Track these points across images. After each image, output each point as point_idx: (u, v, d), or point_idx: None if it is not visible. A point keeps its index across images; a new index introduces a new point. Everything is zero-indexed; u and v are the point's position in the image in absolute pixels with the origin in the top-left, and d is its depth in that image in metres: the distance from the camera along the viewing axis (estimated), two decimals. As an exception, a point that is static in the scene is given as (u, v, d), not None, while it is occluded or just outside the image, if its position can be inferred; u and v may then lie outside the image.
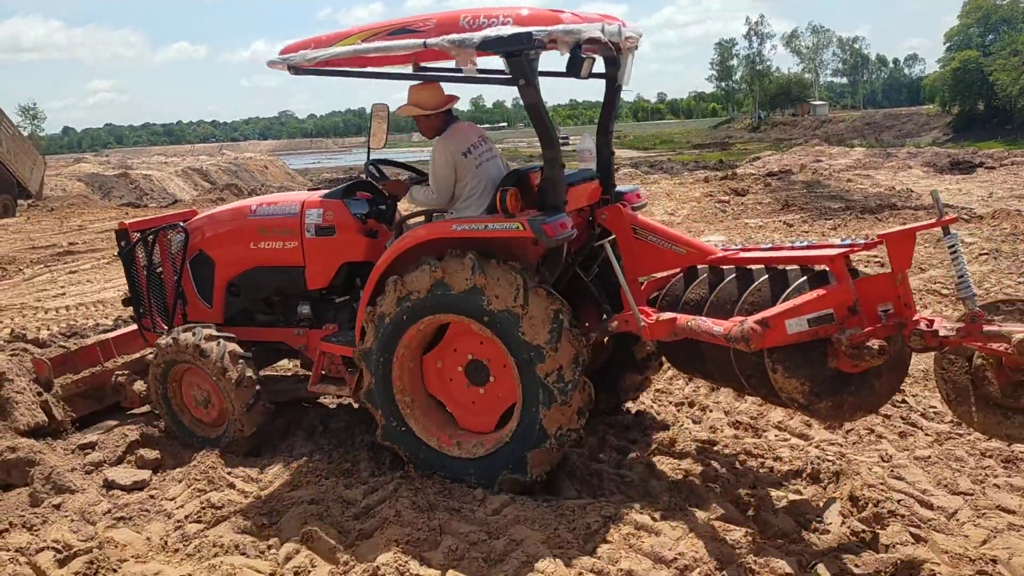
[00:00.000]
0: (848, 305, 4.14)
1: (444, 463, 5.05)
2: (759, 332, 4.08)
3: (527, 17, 4.49)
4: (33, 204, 30.68)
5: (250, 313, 6.23)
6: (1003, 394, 3.89)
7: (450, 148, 5.12)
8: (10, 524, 4.66)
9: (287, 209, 5.87)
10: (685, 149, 65.53)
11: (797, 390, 4.23)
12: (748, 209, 18.53)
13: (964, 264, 4.03)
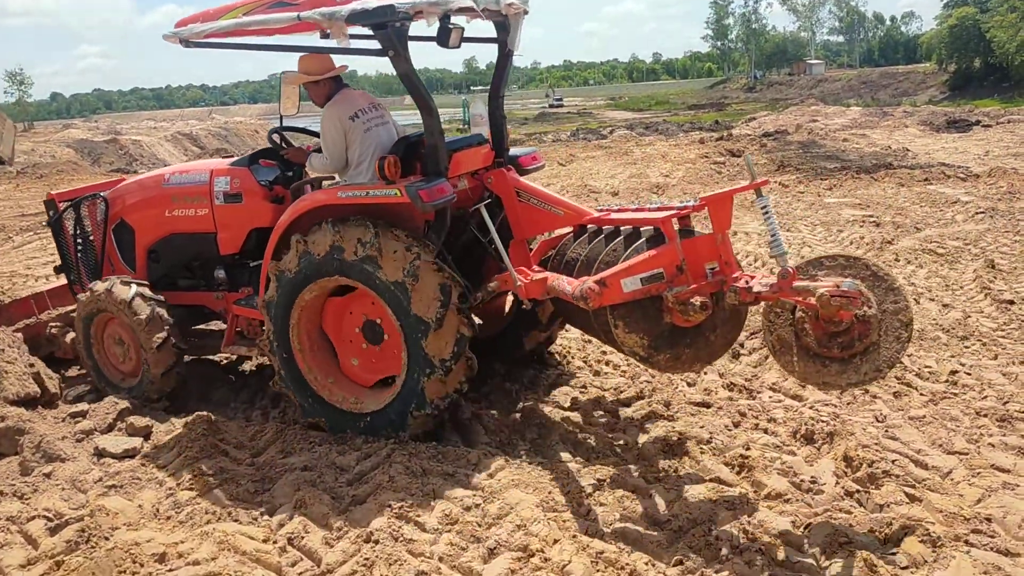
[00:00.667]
0: (676, 264, 4.42)
1: (329, 414, 5.26)
2: (596, 291, 4.40)
3: None
4: (5, 171, 30.23)
5: (172, 278, 6.40)
6: (819, 344, 4.16)
7: (337, 113, 5.27)
8: (0, 493, 4.63)
9: (197, 177, 6.02)
10: (681, 110, 65.00)
11: (637, 344, 4.54)
12: (744, 171, 18.41)
13: (775, 224, 4.32)
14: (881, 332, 4.06)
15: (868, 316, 4.00)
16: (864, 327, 4.03)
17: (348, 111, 5.31)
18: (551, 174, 20.39)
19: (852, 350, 4.10)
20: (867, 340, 4.06)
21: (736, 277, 4.38)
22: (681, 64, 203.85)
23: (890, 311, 4.07)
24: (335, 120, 5.28)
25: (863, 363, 4.10)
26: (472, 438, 5.25)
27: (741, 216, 12.55)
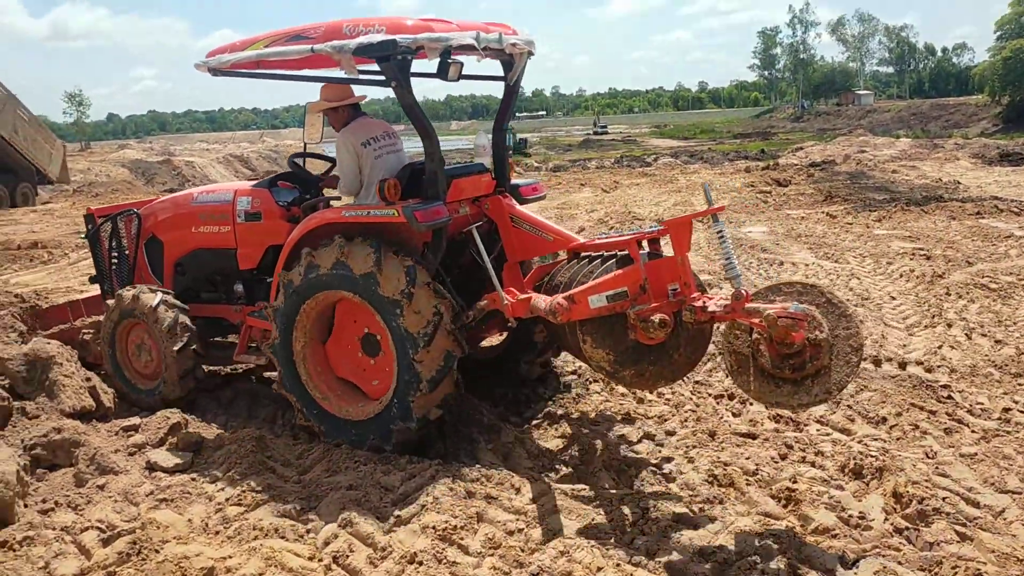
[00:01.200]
0: (639, 284, 4.68)
1: (324, 420, 5.52)
2: (565, 306, 4.71)
3: (399, 26, 4.98)
4: (63, 189, 30.98)
5: (195, 291, 6.78)
6: (772, 365, 4.33)
7: (350, 139, 5.67)
8: (56, 503, 4.74)
9: (222, 197, 6.43)
10: (726, 139, 64.71)
11: (603, 359, 4.78)
12: (790, 200, 18.29)
13: (730, 248, 4.63)
14: (832, 356, 4.23)
15: (819, 340, 4.18)
16: (815, 350, 4.20)
17: (361, 138, 5.67)
18: (595, 200, 20.45)
19: (803, 372, 4.26)
20: (818, 363, 4.23)
21: (694, 297, 4.62)
22: (727, 93, 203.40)
23: (842, 336, 4.24)
24: (348, 146, 5.66)
25: (814, 385, 4.27)
26: (514, 462, 5.27)
27: (789, 246, 12.47)
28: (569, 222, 16.69)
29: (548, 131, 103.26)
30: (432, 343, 5.05)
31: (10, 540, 4.27)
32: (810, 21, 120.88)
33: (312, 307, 5.45)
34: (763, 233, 13.82)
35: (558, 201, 20.84)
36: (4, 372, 5.75)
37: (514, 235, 5.79)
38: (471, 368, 6.22)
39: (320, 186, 6.42)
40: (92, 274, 7.54)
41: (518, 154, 52.22)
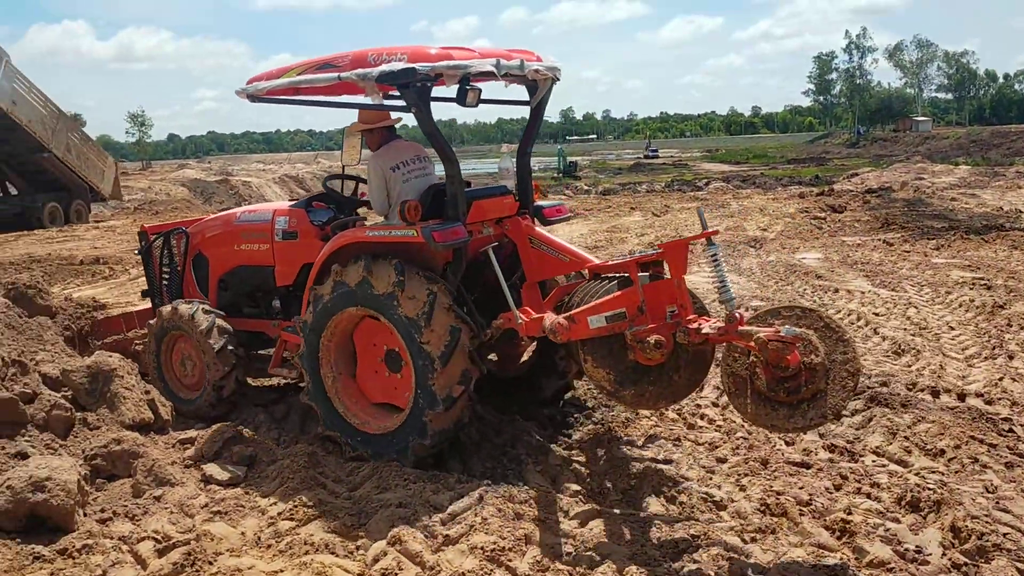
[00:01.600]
0: (636, 305, 4.79)
1: (346, 430, 5.70)
2: (565, 326, 4.92)
3: (420, 55, 5.18)
4: (123, 207, 31.78)
5: (238, 306, 7.07)
6: (768, 388, 4.36)
7: (379, 163, 5.89)
8: (114, 513, 4.86)
9: (262, 216, 6.76)
10: (779, 163, 64.00)
11: (604, 378, 4.91)
12: (846, 227, 18.01)
13: (724, 272, 4.73)
14: (828, 380, 4.27)
15: (815, 364, 4.24)
16: (811, 374, 4.25)
17: (391, 162, 5.88)
18: (645, 224, 20.38)
19: (799, 396, 4.30)
20: (813, 387, 4.27)
21: (690, 319, 4.71)
22: (781, 118, 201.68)
23: (839, 361, 4.27)
24: (377, 170, 5.89)
25: (809, 409, 4.30)
26: (562, 484, 5.25)
27: (844, 274, 12.28)
28: (619, 245, 16.66)
29: (598, 154, 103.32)
30: (449, 363, 5.19)
31: (70, 547, 4.39)
32: (867, 47, 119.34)
33: (338, 322, 5.64)
34: (817, 260, 13.63)
35: (608, 224, 20.81)
36: (68, 384, 5.92)
37: (533, 256, 5.89)
38: (500, 385, 6.56)
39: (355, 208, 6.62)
40: (145, 288, 7.87)
41: (568, 177, 52.30)
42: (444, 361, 5.19)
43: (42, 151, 26.75)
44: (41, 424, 5.46)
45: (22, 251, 19.75)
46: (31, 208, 26.69)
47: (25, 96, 25.76)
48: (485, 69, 5.26)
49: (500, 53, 5.47)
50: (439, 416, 5.27)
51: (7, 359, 5.57)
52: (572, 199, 31.77)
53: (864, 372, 7.07)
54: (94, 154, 30.66)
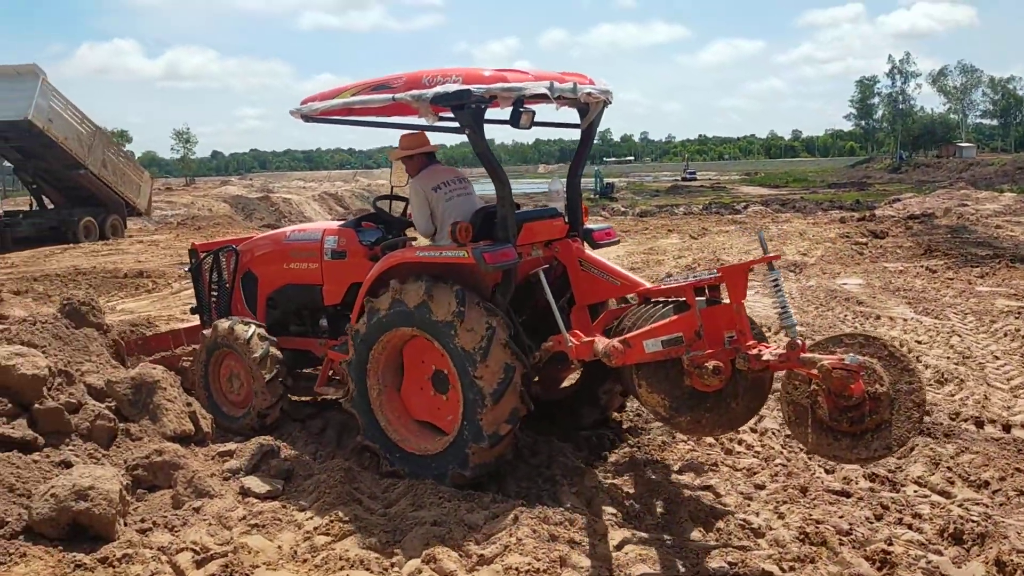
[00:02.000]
0: (694, 329, 4.70)
1: (385, 443, 5.72)
2: (620, 349, 4.78)
3: (474, 77, 5.19)
4: (166, 222, 32.26)
5: (285, 324, 7.13)
6: (830, 417, 4.28)
7: (420, 185, 5.98)
8: (154, 523, 4.92)
9: (312, 236, 6.81)
10: (820, 188, 63.31)
11: (659, 404, 4.82)
12: (887, 252, 17.78)
13: (785, 297, 4.62)
14: (893, 410, 4.18)
15: (879, 393, 4.16)
16: (875, 404, 4.17)
17: (431, 184, 5.96)
18: (683, 246, 20.29)
19: (862, 426, 4.22)
20: (877, 417, 4.18)
21: (749, 345, 4.61)
22: (822, 142, 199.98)
23: (904, 391, 4.18)
24: (419, 192, 5.97)
25: (874, 440, 4.21)
26: (598, 507, 5.22)
27: (886, 300, 12.11)
28: (656, 268, 16.60)
29: (636, 176, 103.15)
30: (500, 401, 5.18)
31: (110, 556, 4.44)
32: (910, 72, 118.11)
33: (389, 337, 5.64)
34: (859, 285, 13.47)
35: (645, 246, 20.76)
36: (112, 395, 6.02)
37: (583, 279, 5.86)
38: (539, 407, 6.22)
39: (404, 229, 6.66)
40: (193, 305, 7.98)
41: (604, 198, 52.27)
42: (496, 399, 5.17)
43: (78, 168, 27.12)
44: (85, 434, 5.56)
45: (68, 263, 20.18)
46: (67, 222, 27.01)
47: (61, 114, 26.15)
48: (539, 92, 5.28)
49: (553, 76, 5.47)
50: (483, 451, 5.27)
51: (54, 369, 5.69)
52: (608, 220, 31.74)
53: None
54: (131, 169, 31.02)
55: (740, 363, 4.57)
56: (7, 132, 25.65)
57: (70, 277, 17.23)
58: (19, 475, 4.94)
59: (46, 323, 6.59)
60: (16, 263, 21.36)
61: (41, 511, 4.56)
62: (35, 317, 6.88)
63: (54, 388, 5.62)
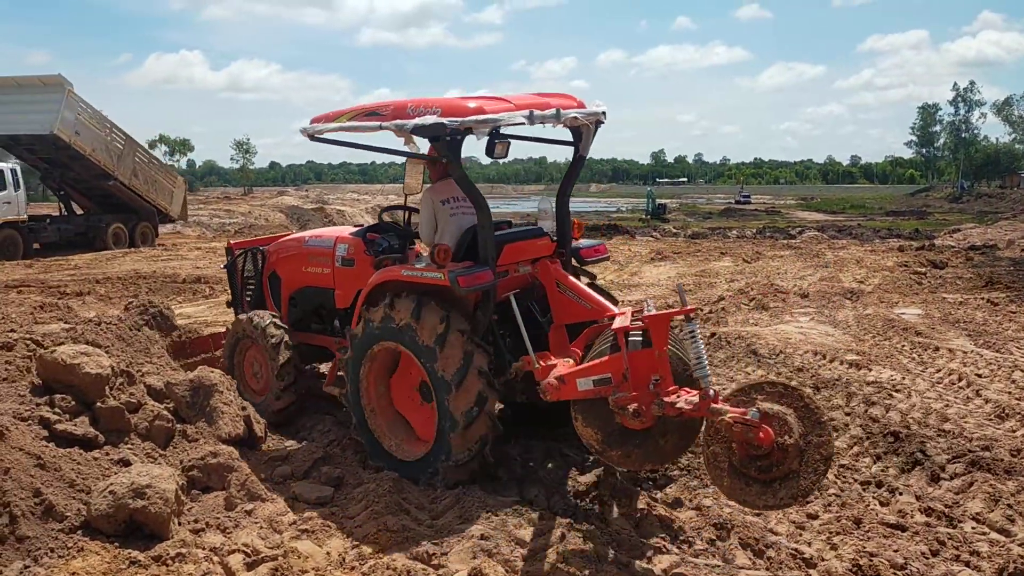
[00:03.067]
0: (621, 372, 4.86)
1: (386, 457, 6.03)
2: (555, 386, 5.04)
3: (454, 108, 5.47)
4: (220, 228, 32.66)
5: (306, 322, 7.62)
6: (741, 464, 4.48)
7: (432, 195, 6.30)
8: (207, 524, 5.00)
9: (326, 242, 7.27)
10: (878, 215, 62.22)
11: (592, 437, 5.05)
12: (947, 283, 17.37)
13: (701, 347, 4.73)
14: (801, 462, 4.35)
15: (787, 445, 4.33)
16: (782, 455, 4.35)
17: (442, 196, 6.27)
18: (735, 270, 20.08)
19: (771, 474, 4.40)
20: (784, 467, 4.37)
21: (669, 391, 4.76)
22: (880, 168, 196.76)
23: (813, 443, 4.35)
24: (428, 202, 6.29)
25: (781, 488, 4.39)
26: (647, 530, 5.18)
27: (945, 331, 11.83)
28: (708, 290, 16.46)
29: (689, 198, 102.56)
30: (463, 385, 5.48)
31: (164, 555, 4.53)
32: (975, 100, 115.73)
33: (378, 349, 6.00)
34: (917, 316, 13.17)
35: (697, 268, 20.59)
36: (171, 396, 6.15)
37: (559, 300, 6.11)
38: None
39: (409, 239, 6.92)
40: (229, 299, 8.69)
41: (656, 219, 52.02)
42: (458, 383, 5.48)
43: (107, 178, 26.90)
44: (144, 433, 5.69)
45: (129, 267, 20.71)
46: (95, 228, 26.94)
47: (88, 125, 25.88)
48: (516, 122, 5.54)
49: (534, 103, 5.68)
50: (450, 469, 5.59)
51: (116, 369, 5.83)
52: (659, 241, 31.57)
53: (965, 435, 6.80)
54: (163, 175, 30.69)
55: (655, 409, 4.72)
56: (33, 145, 25.60)
57: (131, 280, 17.67)
58: (79, 471, 5.07)
59: (110, 324, 6.78)
60: (79, 265, 21.98)
61: (99, 507, 4.67)
62: (100, 318, 7.09)
63: (116, 388, 5.76)
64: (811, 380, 8.78)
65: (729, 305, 14.14)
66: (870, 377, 9.04)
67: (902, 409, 7.75)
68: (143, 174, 28.86)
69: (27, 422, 5.21)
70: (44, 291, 15.89)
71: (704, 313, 13.46)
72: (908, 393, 8.40)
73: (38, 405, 5.44)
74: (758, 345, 10.35)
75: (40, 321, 10.26)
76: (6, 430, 4.84)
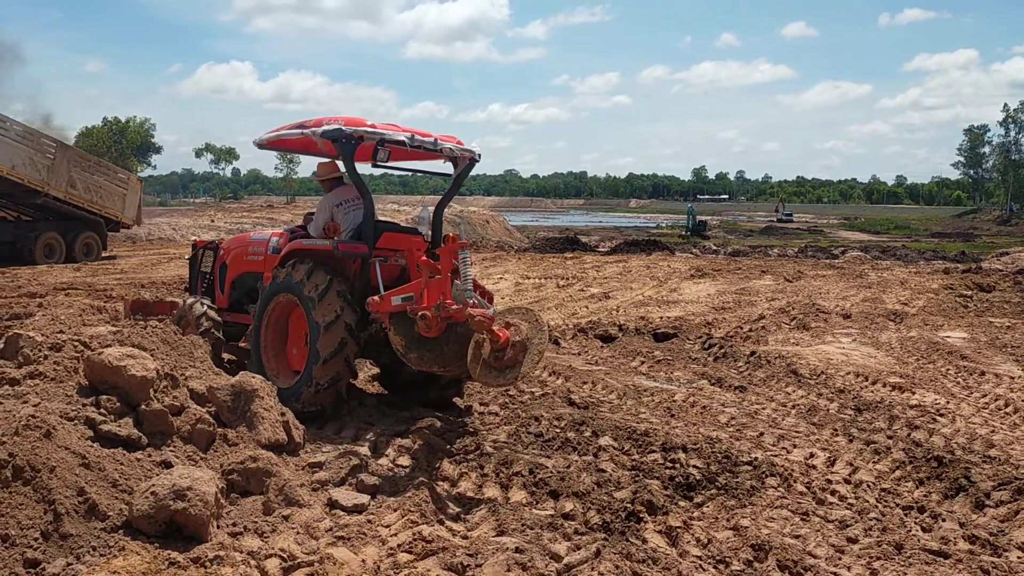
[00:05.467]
0: (420, 291, 6.72)
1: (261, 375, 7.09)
2: (376, 301, 6.83)
3: (351, 121, 7.40)
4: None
5: (240, 303, 9.13)
6: (489, 356, 6.25)
7: (329, 200, 8.17)
8: (244, 528, 5.04)
9: (264, 236, 9.06)
10: (923, 236, 61.29)
11: (399, 344, 6.81)
12: (994, 307, 17.04)
13: (469, 271, 6.50)
14: (525, 355, 6.15)
15: (516, 342, 6.13)
16: (513, 348, 6.13)
17: (336, 200, 8.12)
18: (776, 288, 19.88)
19: (503, 362, 6.18)
20: (512, 357, 6.14)
21: (447, 304, 6.40)
22: (927, 189, 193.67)
23: (535, 343, 6.16)
24: (326, 205, 8.16)
25: (509, 372, 6.19)
26: (682, 547, 5.13)
27: (992, 356, 11.58)
28: (748, 308, 16.32)
29: (729, 215, 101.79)
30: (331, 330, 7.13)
31: (203, 557, 4.58)
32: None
33: (275, 302, 7.74)
34: (963, 339, 12.93)
35: (737, 286, 20.42)
36: (213, 400, 6.23)
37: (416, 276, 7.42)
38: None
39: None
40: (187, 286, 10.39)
41: (696, 235, 51.68)
42: (327, 326, 7.13)
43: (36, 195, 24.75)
44: (186, 436, 5.76)
45: (173, 273, 21.07)
46: (24, 239, 24.87)
47: (5, 142, 23.76)
48: (398, 139, 7.42)
49: (417, 132, 7.59)
50: (320, 368, 7.14)
51: (161, 372, 5.92)
52: (699, 258, 31.36)
53: (1012, 462, 6.65)
54: (110, 179, 28.03)
55: (432, 311, 6.40)
56: None
57: (175, 286, 17.97)
58: (122, 471, 5.14)
59: (156, 328, 6.88)
60: (125, 269, 22.42)
61: (141, 507, 4.74)
62: (147, 321, 7.24)
63: (160, 390, 5.84)
64: (853, 402, 8.66)
65: (770, 324, 14.01)
66: (913, 400, 8.90)
67: (946, 434, 7.61)
68: (84, 182, 26.55)
69: (73, 422, 5.30)
70: (91, 294, 16.22)
71: (744, 331, 13.34)
72: (952, 418, 8.24)
73: (84, 405, 5.53)
74: (799, 365, 10.24)
75: (88, 323, 10.49)
76: (53, 429, 4.93)
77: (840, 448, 7.18)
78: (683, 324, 13.88)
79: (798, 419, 8.13)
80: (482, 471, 6.33)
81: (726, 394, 9.09)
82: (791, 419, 8.13)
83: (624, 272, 24.30)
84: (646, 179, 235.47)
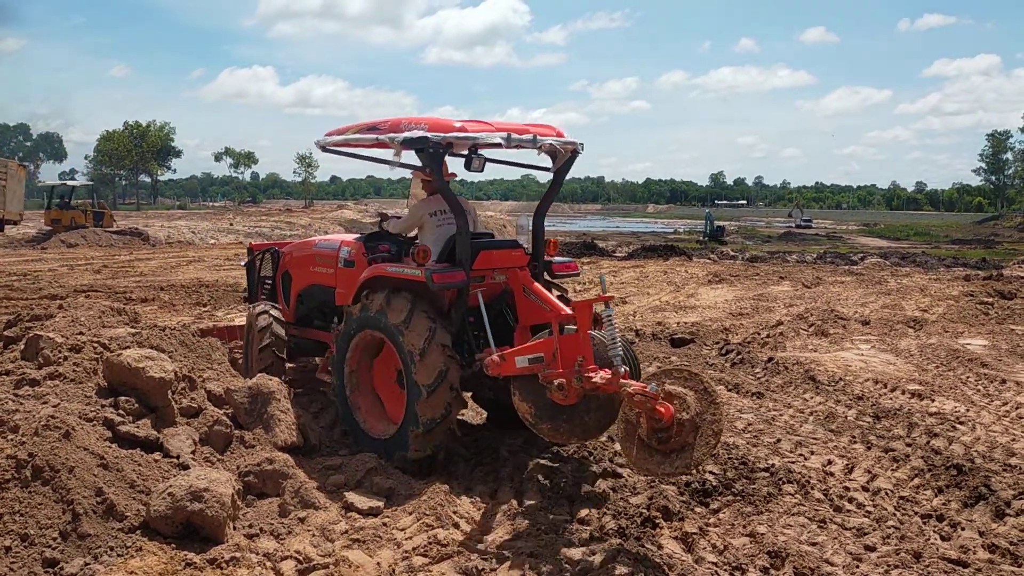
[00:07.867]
0: (551, 351, 5.62)
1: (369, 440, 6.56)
2: (497, 362, 5.67)
3: (436, 125, 6.19)
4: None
5: (310, 318, 8.32)
6: (647, 435, 4.98)
7: (422, 207, 7.02)
8: (260, 530, 5.08)
9: (332, 246, 7.94)
10: (943, 243, 60.58)
11: (527, 412, 5.70)
12: (1015, 314, 16.85)
13: (615, 331, 5.48)
14: (696, 436, 4.87)
15: (684, 420, 4.87)
16: (680, 428, 4.88)
17: (431, 209, 6.96)
18: (794, 295, 19.76)
19: (669, 445, 4.93)
20: (681, 439, 4.89)
21: (589, 368, 5.42)
22: (947, 196, 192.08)
23: (708, 421, 4.86)
24: (418, 211, 7.03)
25: (677, 458, 4.92)
26: (698, 554, 5.11)
27: (1013, 364, 11.47)
28: (766, 314, 16.23)
29: (747, 220, 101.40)
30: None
31: (219, 558, 4.61)
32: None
33: (360, 338, 6.61)
34: (983, 347, 12.80)
35: (755, 292, 20.32)
36: (230, 402, 6.27)
37: (524, 304, 6.62)
38: None
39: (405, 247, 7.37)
40: (246, 295, 9.38)
41: (714, 241, 51.47)
42: (422, 353, 6.00)
43: None
44: (203, 438, 5.80)
45: (192, 276, 21.22)
46: None
47: None
48: (494, 141, 6.20)
49: (514, 128, 6.33)
50: (424, 404, 6.02)
51: (179, 374, 5.97)
52: (717, 263, 31.24)
53: None
54: None
55: (575, 383, 5.41)
56: None
57: (193, 288, 18.11)
58: (140, 472, 5.18)
59: (174, 330, 6.94)
60: (145, 272, 22.60)
61: (158, 508, 4.77)
62: (166, 324, 7.28)
63: (178, 392, 5.89)
64: (871, 409, 8.59)
65: (787, 330, 13.93)
66: (933, 408, 8.82)
67: (966, 442, 7.54)
68: None
69: (92, 423, 5.35)
70: (111, 296, 16.35)
71: (761, 337, 13.27)
72: (972, 426, 8.16)
73: (103, 406, 5.59)
74: (816, 371, 10.17)
75: (107, 325, 10.57)
76: (72, 430, 4.98)
77: (858, 455, 7.13)
78: (700, 330, 13.83)
79: (816, 426, 8.08)
80: (497, 476, 6.34)
81: (743, 400, 9.05)
82: (809, 426, 8.08)
83: (641, 277, 24.25)
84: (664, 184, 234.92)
